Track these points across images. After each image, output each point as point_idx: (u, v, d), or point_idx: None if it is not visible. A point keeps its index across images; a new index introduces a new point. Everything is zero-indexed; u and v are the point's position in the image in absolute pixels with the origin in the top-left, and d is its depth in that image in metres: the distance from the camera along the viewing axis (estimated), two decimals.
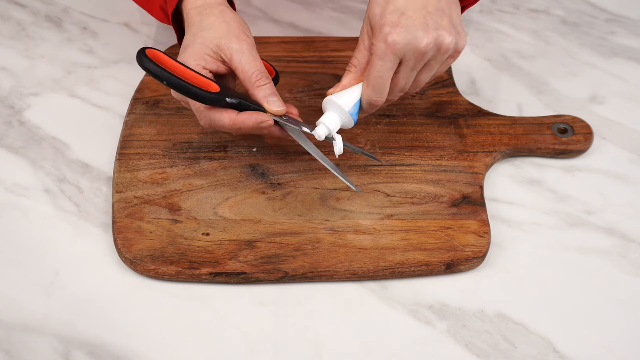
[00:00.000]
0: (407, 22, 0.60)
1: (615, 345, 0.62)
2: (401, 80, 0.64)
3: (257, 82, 0.64)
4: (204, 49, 0.64)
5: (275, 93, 0.65)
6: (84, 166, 0.73)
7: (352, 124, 0.66)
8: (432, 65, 0.64)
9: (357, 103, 0.65)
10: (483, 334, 0.62)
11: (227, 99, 0.63)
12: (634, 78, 0.85)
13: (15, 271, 0.65)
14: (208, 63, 0.65)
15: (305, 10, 0.92)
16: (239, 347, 0.61)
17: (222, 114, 0.64)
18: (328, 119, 0.65)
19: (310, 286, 0.65)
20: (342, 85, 0.66)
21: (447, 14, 0.62)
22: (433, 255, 0.65)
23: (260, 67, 0.64)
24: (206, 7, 0.67)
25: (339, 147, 0.66)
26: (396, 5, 0.61)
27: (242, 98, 0.64)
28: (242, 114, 0.64)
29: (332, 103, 0.65)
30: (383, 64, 0.62)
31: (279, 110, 0.64)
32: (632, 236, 0.69)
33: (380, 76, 0.62)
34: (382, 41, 0.61)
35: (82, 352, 0.60)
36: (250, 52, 0.64)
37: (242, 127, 0.64)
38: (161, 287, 0.64)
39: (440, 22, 0.61)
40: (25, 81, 0.81)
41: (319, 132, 0.65)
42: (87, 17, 0.89)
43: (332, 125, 0.65)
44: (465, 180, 0.71)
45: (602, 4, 0.95)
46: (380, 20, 0.61)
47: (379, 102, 0.65)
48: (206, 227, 0.66)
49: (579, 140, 0.75)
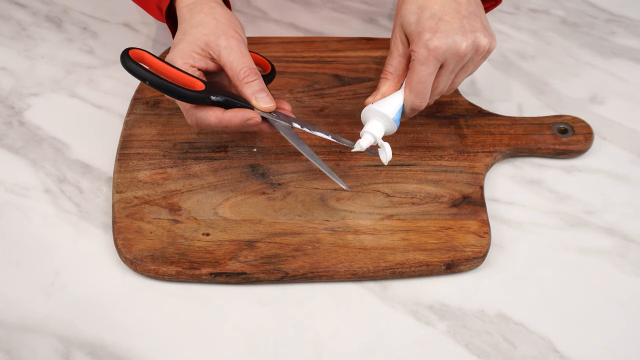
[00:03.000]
0: (445, 27, 0.62)
1: (615, 345, 0.62)
2: (441, 84, 0.66)
3: (245, 78, 0.63)
4: (191, 46, 0.64)
5: (264, 89, 0.64)
6: (84, 166, 0.73)
7: (395, 129, 0.67)
8: (468, 66, 0.66)
9: (399, 109, 0.66)
10: (483, 334, 0.62)
11: (211, 96, 0.62)
12: (634, 78, 0.85)
13: (15, 271, 0.65)
14: (196, 61, 0.64)
15: (305, 10, 0.92)
16: (239, 347, 0.61)
17: (208, 112, 0.63)
18: (373, 127, 0.65)
19: (310, 286, 0.65)
20: (382, 93, 0.67)
21: (478, 17, 0.64)
22: (433, 255, 0.65)
23: (249, 63, 0.64)
24: (197, 4, 0.67)
25: (388, 153, 0.65)
26: (432, 12, 0.63)
27: (230, 95, 0.63)
28: (228, 111, 0.63)
29: (374, 111, 0.66)
30: (426, 68, 0.63)
31: (267, 107, 0.64)
32: (632, 236, 0.69)
33: (424, 81, 0.64)
34: (424, 47, 0.62)
35: (82, 352, 0.60)
36: (239, 48, 0.64)
37: (228, 124, 0.63)
38: (161, 287, 0.64)
39: (474, 25, 0.63)
40: (25, 81, 0.81)
41: (363, 143, 0.65)
42: (87, 17, 0.89)
43: (378, 134, 0.65)
44: (465, 180, 0.71)
45: (602, 4, 0.95)
46: (418, 27, 0.63)
47: (422, 106, 0.66)
48: (206, 227, 0.66)
49: (579, 140, 0.75)
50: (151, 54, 0.64)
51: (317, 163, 0.64)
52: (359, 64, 0.82)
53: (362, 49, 0.83)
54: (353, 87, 0.79)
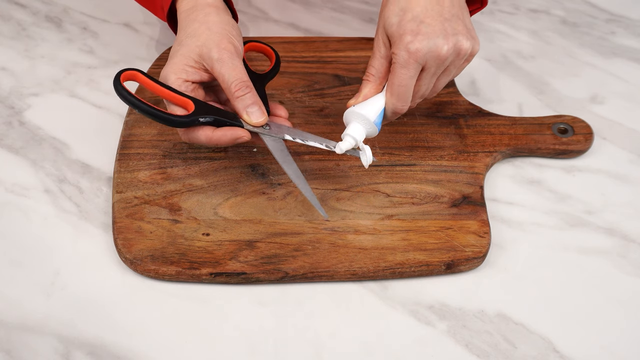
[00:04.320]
0: (426, 29, 0.61)
1: (615, 345, 0.62)
2: (422, 87, 0.65)
3: (236, 92, 0.63)
4: (185, 59, 0.64)
5: (255, 102, 0.64)
6: (84, 166, 0.73)
7: (377, 132, 0.66)
8: (450, 70, 0.65)
9: (381, 112, 0.66)
10: (483, 334, 0.62)
11: (199, 118, 0.63)
12: (634, 78, 0.85)
13: (15, 271, 0.65)
14: (189, 74, 0.64)
15: (305, 10, 0.92)
16: (239, 347, 0.61)
17: (198, 132, 0.64)
18: (354, 130, 0.65)
19: (310, 286, 0.65)
20: (363, 95, 0.66)
21: (461, 19, 0.63)
22: (433, 255, 0.65)
23: (240, 76, 0.63)
24: (194, 10, 0.67)
25: (369, 156, 0.65)
26: (413, 14, 0.62)
27: (218, 114, 0.63)
28: (217, 130, 0.63)
29: (355, 114, 0.65)
30: (406, 71, 0.63)
31: (258, 122, 0.64)
32: (632, 236, 0.69)
33: (404, 84, 0.63)
34: (404, 50, 0.62)
35: (82, 352, 0.60)
36: (231, 60, 0.63)
37: (218, 143, 0.64)
38: (161, 287, 0.64)
39: (457, 28, 0.62)
40: (25, 81, 0.81)
41: (343, 145, 0.65)
42: (87, 17, 0.89)
43: (358, 136, 0.65)
44: (465, 180, 0.71)
45: (602, 4, 0.95)
46: (399, 29, 0.62)
47: (403, 109, 0.66)
48: (206, 227, 0.66)
49: (579, 140, 0.75)
50: (144, 73, 0.64)
51: (300, 185, 0.64)
52: (359, 64, 0.82)
53: (362, 49, 0.83)
54: (353, 87, 0.79)
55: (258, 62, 0.79)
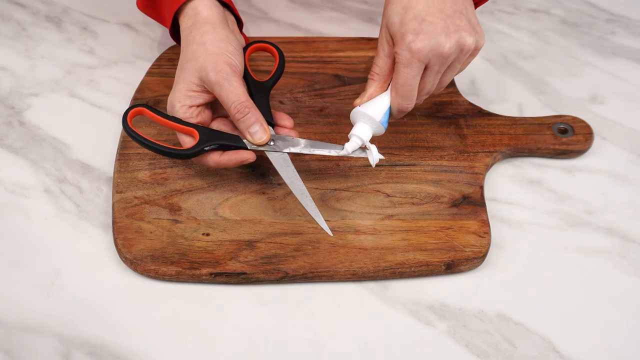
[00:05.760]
0: (428, 28, 0.61)
1: (615, 345, 0.62)
2: (427, 84, 0.65)
3: (237, 114, 0.64)
4: (187, 85, 0.65)
5: (257, 121, 0.65)
6: (84, 166, 0.73)
7: (383, 131, 0.67)
8: (454, 65, 0.65)
9: (386, 111, 0.66)
10: (483, 334, 0.62)
11: (204, 148, 0.64)
12: (634, 78, 0.85)
13: (15, 271, 0.65)
14: (193, 99, 0.65)
15: (305, 10, 0.92)
16: (239, 347, 0.61)
17: (207, 159, 0.65)
18: (360, 130, 0.65)
19: (310, 286, 0.65)
20: (369, 95, 0.66)
21: (464, 14, 0.63)
22: (433, 255, 0.65)
23: (238, 98, 0.64)
24: (193, 28, 0.68)
25: (375, 155, 0.65)
26: (415, 12, 0.62)
27: (222, 138, 0.65)
28: (224, 155, 0.65)
29: (361, 114, 0.66)
30: (409, 71, 0.63)
31: (260, 141, 0.65)
32: (632, 236, 0.69)
33: (409, 83, 0.63)
34: (406, 49, 0.62)
35: (82, 352, 0.60)
36: (228, 82, 0.64)
37: (226, 166, 0.66)
38: (161, 287, 0.64)
39: (459, 24, 0.62)
40: (25, 81, 0.81)
41: (350, 146, 0.65)
42: (87, 17, 0.89)
43: (365, 136, 0.65)
44: (465, 180, 0.71)
45: (602, 4, 0.95)
46: (401, 28, 0.62)
47: (409, 108, 0.66)
48: (206, 227, 0.66)
49: (579, 140, 0.75)
50: (149, 108, 0.65)
51: (304, 202, 0.64)
52: (359, 64, 0.82)
53: (362, 49, 0.83)
54: (353, 87, 0.79)
55: (260, 63, 0.79)
